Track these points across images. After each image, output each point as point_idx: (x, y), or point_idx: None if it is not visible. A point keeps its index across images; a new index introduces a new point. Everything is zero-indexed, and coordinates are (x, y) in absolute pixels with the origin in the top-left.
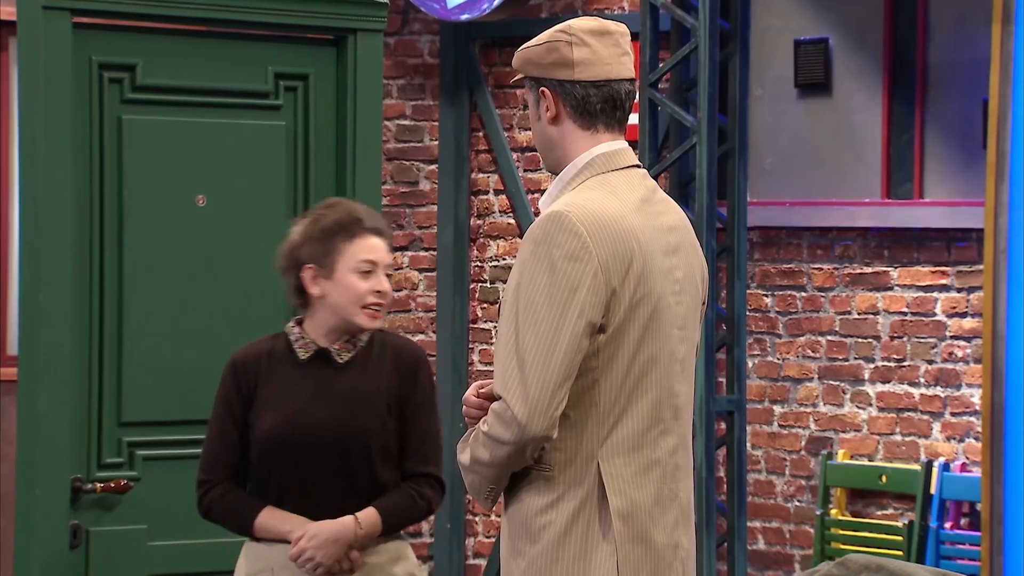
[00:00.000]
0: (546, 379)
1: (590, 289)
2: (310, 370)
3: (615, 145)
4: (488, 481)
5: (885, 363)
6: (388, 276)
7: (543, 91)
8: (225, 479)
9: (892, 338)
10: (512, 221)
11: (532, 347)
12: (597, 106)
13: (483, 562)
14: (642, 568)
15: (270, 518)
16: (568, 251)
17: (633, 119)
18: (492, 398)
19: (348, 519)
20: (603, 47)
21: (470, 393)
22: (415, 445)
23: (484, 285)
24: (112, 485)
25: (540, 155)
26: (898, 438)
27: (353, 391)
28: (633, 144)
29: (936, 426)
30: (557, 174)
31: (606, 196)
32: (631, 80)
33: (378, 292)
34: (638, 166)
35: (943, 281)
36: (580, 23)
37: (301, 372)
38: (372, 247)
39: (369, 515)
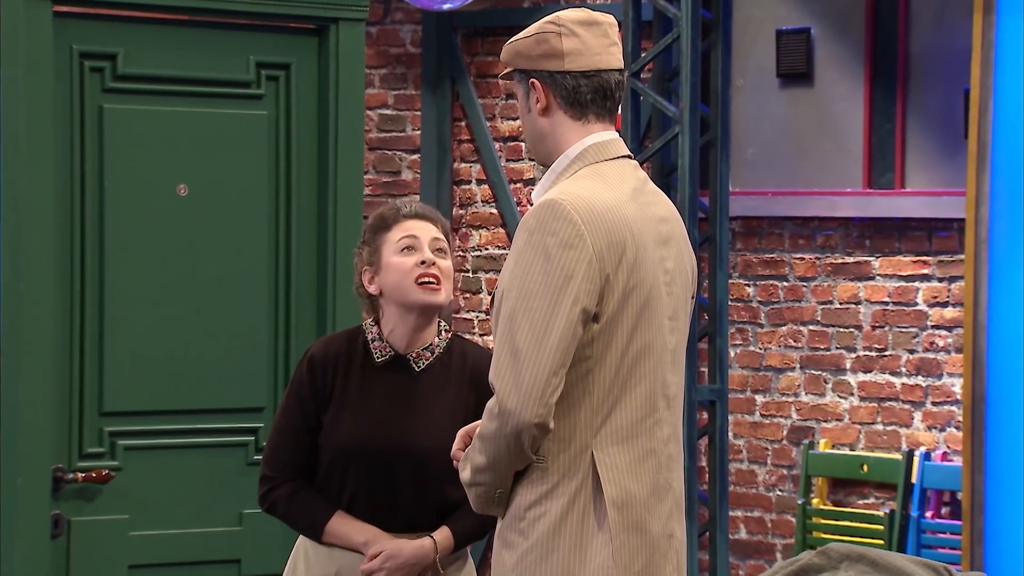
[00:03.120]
0: (540, 366)
1: (585, 276)
2: (388, 376)
3: (606, 135)
4: (494, 485)
5: (866, 353)
6: (441, 253)
7: (533, 83)
8: (293, 478)
9: (873, 328)
10: (495, 211)
11: (526, 335)
12: (588, 96)
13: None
14: (637, 558)
15: (343, 525)
16: (563, 239)
17: None
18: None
19: (427, 543)
20: (592, 37)
21: (456, 448)
22: None
23: (467, 275)
24: (93, 475)
25: (530, 147)
26: (879, 427)
27: (432, 403)
28: None
29: (917, 415)
30: (547, 166)
31: (599, 185)
32: (620, 70)
33: (423, 263)
34: (629, 156)
35: (924, 271)
36: (569, 14)
37: (378, 378)
38: (409, 227)
39: (445, 537)
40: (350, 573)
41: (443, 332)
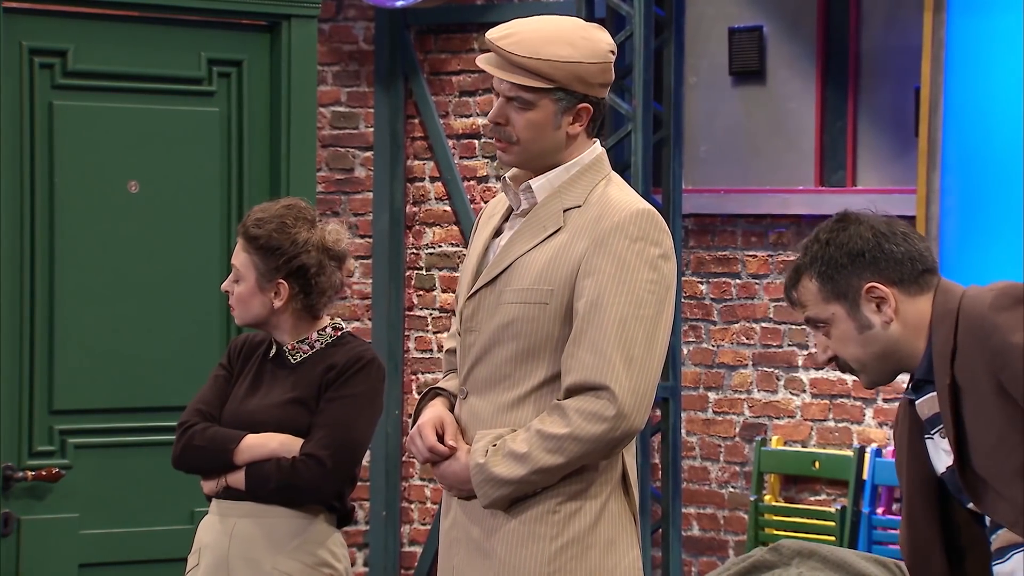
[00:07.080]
0: (652, 373)
1: (675, 288)
2: (271, 366)
3: (598, 147)
4: (543, 485)
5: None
6: (237, 281)
7: (584, 108)
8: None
9: None
10: (448, 208)
11: (641, 341)
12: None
13: (419, 549)
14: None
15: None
16: (664, 250)
17: None
18: (447, 450)
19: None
20: None
21: (432, 443)
22: (311, 433)
23: (420, 272)
24: (43, 473)
25: (533, 155)
26: (831, 424)
27: (287, 391)
28: None
29: (868, 412)
30: (529, 171)
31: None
32: None
33: (226, 292)
34: None
35: None
36: (609, 37)
37: (263, 367)
38: (236, 251)
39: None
40: (208, 544)
41: (329, 329)
